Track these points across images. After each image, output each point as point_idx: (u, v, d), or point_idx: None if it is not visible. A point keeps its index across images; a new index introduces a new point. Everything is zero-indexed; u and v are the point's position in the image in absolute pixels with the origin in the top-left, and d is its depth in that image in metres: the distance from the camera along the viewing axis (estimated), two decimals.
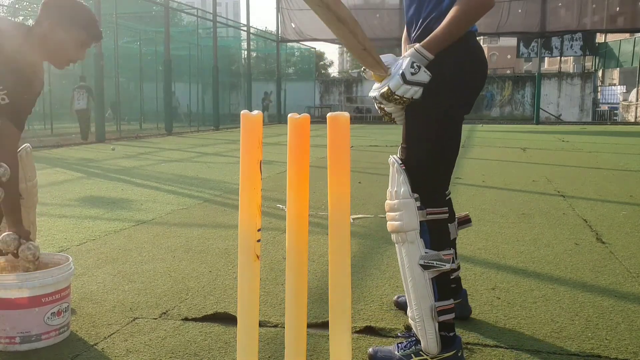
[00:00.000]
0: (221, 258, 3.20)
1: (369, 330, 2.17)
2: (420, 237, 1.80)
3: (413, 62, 1.71)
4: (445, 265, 1.79)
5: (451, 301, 1.84)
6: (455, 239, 2.14)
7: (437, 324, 1.80)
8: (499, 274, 2.90)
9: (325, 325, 2.11)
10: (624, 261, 3.13)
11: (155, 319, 2.30)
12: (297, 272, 1.49)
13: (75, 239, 3.64)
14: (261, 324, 2.19)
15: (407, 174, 1.82)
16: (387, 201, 1.87)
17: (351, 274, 1.50)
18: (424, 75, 1.72)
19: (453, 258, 1.86)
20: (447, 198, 2.06)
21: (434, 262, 1.79)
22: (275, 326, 2.22)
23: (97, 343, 2.07)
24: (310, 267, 2.83)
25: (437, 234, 1.83)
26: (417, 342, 1.87)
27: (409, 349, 1.88)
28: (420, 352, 1.85)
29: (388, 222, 1.87)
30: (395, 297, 2.47)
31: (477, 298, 2.54)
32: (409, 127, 1.87)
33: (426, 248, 1.80)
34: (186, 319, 2.29)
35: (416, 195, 1.81)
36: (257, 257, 1.51)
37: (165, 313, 2.35)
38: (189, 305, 2.44)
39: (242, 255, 1.50)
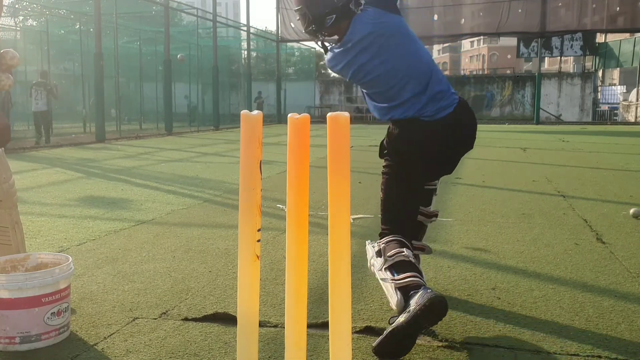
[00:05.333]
0: (221, 258, 3.20)
1: (369, 330, 2.17)
2: (379, 257, 2.19)
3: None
4: (380, 247, 2.20)
5: (409, 272, 2.04)
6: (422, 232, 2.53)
7: (393, 285, 2.04)
8: (499, 274, 2.90)
9: (325, 325, 2.11)
10: (624, 261, 3.12)
11: (155, 319, 2.29)
12: (297, 272, 1.49)
13: (75, 239, 3.64)
14: (261, 324, 2.18)
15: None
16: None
17: (351, 274, 1.50)
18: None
19: (400, 251, 2.14)
20: (429, 188, 2.48)
21: (381, 258, 2.16)
22: (275, 326, 2.22)
23: (97, 343, 2.07)
24: (310, 267, 2.83)
25: (388, 246, 2.19)
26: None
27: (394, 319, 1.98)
28: (397, 317, 1.95)
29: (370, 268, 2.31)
30: None
31: (477, 298, 2.54)
32: None
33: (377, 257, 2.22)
34: (186, 319, 2.28)
35: (369, 240, 2.37)
36: (257, 257, 1.51)
37: (165, 313, 2.35)
38: (189, 305, 2.44)
39: (242, 255, 1.50)
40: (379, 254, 2.21)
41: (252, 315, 1.52)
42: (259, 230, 1.51)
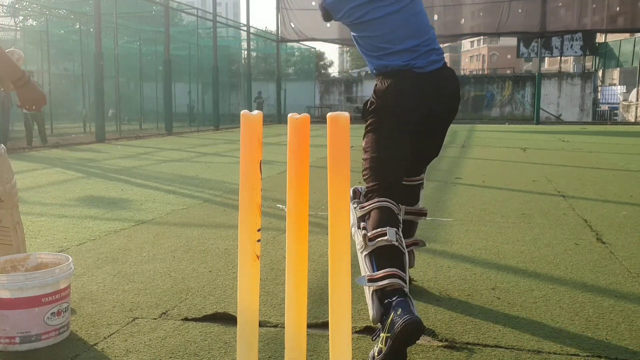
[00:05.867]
0: (221, 258, 3.20)
1: (369, 330, 2.17)
2: (359, 229, 2.12)
3: None
4: (362, 232, 2.07)
5: (389, 269, 1.95)
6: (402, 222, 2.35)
7: (372, 291, 1.94)
8: (499, 274, 2.90)
9: (325, 325, 2.11)
10: (624, 261, 3.12)
11: (155, 319, 2.29)
12: (297, 272, 1.49)
13: (75, 239, 3.64)
14: (261, 324, 2.18)
15: (351, 190, 2.25)
16: None
17: (351, 274, 1.50)
18: None
19: (382, 232, 2.03)
20: (415, 183, 2.44)
21: (362, 242, 2.05)
22: (275, 326, 2.22)
23: (97, 343, 2.07)
24: (310, 267, 2.83)
25: (371, 219, 2.12)
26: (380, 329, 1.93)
27: (377, 339, 1.92)
28: (380, 334, 1.88)
29: None
30: None
31: (477, 298, 2.54)
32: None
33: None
34: (186, 319, 2.28)
35: (355, 200, 2.25)
36: (257, 257, 1.51)
37: (165, 313, 2.35)
38: (188, 305, 2.44)
39: (242, 255, 1.50)
40: (362, 221, 2.13)
41: (252, 315, 1.52)
42: (259, 230, 1.51)
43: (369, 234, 2.04)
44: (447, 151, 9.92)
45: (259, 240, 1.51)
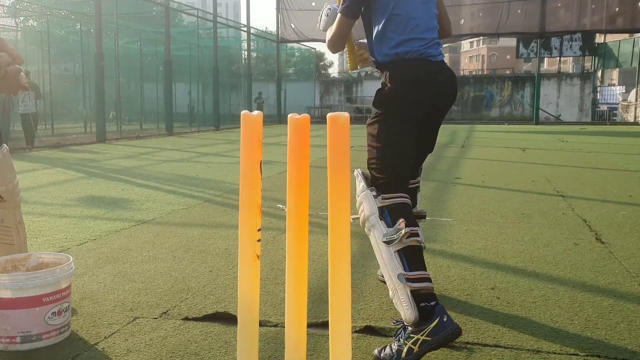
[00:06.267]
0: (221, 258, 3.21)
1: (369, 330, 2.18)
2: (381, 220, 2.05)
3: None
4: (401, 232, 1.97)
5: (423, 272, 1.96)
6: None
7: (409, 291, 1.91)
8: (499, 274, 2.90)
9: (325, 325, 2.12)
10: (623, 261, 3.13)
11: (156, 318, 2.30)
12: (297, 272, 1.49)
13: (75, 239, 3.64)
14: (261, 324, 2.19)
15: (362, 174, 2.20)
16: (356, 204, 2.14)
17: (351, 274, 1.51)
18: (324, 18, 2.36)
19: (415, 231, 2.02)
20: (411, 186, 2.41)
21: (394, 235, 1.98)
22: (275, 326, 2.23)
23: (98, 343, 2.07)
24: (310, 267, 2.84)
25: (395, 213, 2.05)
26: (405, 327, 1.93)
27: (401, 338, 1.91)
28: (411, 335, 1.89)
29: (359, 220, 2.12)
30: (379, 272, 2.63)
31: (477, 298, 2.54)
32: (368, 132, 2.29)
33: (387, 227, 2.02)
34: (186, 319, 2.29)
35: (372, 187, 2.14)
36: (257, 257, 1.51)
37: (165, 313, 2.36)
38: (189, 305, 2.44)
39: (242, 255, 1.51)
40: (382, 213, 2.05)
41: (252, 315, 1.52)
42: (259, 230, 1.52)
43: (410, 231, 1.99)
44: (447, 151, 9.93)
45: (259, 240, 1.52)
